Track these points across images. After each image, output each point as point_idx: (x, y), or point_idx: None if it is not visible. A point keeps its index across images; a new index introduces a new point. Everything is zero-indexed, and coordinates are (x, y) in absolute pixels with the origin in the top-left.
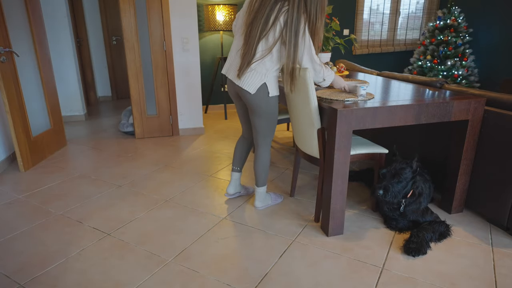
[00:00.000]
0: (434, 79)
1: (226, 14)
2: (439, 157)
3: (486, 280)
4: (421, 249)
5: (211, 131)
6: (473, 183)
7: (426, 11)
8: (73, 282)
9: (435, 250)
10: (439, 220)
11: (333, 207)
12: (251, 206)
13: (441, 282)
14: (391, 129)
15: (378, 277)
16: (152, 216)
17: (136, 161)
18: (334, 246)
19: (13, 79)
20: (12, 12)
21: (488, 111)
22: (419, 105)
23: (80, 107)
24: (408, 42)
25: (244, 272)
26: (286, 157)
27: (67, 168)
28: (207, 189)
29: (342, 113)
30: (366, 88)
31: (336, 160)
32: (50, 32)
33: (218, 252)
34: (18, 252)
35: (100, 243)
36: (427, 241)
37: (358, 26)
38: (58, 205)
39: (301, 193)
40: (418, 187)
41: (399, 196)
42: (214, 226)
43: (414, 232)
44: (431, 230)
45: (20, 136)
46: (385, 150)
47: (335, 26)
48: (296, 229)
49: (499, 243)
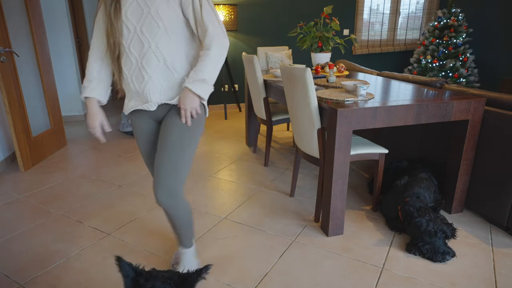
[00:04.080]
0: (434, 79)
1: (226, 14)
2: (439, 157)
3: (486, 280)
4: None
5: (211, 131)
6: (473, 183)
7: (426, 11)
8: (73, 282)
9: None
10: (446, 222)
11: (333, 207)
12: (251, 206)
13: (441, 282)
14: (391, 129)
15: (378, 277)
16: (152, 216)
17: (136, 161)
18: (334, 246)
19: (13, 79)
20: (12, 12)
21: (488, 111)
22: (419, 105)
23: (80, 107)
24: (408, 42)
25: (244, 272)
26: (286, 157)
27: (67, 168)
28: (207, 189)
29: (342, 113)
30: (366, 88)
31: (336, 160)
32: (50, 32)
33: (218, 252)
34: (18, 252)
35: (100, 243)
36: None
37: (358, 26)
38: (58, 205)
39: (301, 193)
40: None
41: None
42: (214, 226)
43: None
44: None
45: (20, 136)
46: (385, 150)
47: (335, 26)
48: (296, 229)
49: (499, 243)
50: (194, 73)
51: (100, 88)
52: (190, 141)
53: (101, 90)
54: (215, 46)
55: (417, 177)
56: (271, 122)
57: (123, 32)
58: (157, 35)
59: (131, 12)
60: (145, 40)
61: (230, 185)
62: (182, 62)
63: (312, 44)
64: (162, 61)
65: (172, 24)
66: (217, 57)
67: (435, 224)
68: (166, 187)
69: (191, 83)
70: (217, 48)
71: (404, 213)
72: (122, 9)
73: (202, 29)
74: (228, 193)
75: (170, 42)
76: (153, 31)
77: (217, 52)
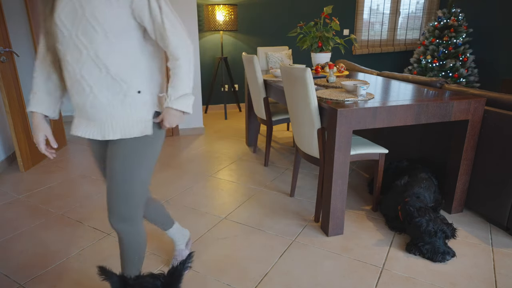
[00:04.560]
0: (434, 79)
1: (226, 14)
2: (439, 157)
3: (486, 280)
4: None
5: (211, 131)
6: (473, 183)
7: (426, 11)
8: (73, 282)
9: None
10: (446, 222)
11: (333, 207)
12: (251, 206)
13: (441, 282)
14: (391, 129)
15: (378, 277)
16: None
17: None
18: (334, 246)
19: (13, 79)
20: (12, 12)
21: (488, 111)
22: (419, 105)
23: None
24: (408, 42)
25: (244, 272)
26: (286, 157)
27: (67, 168)
28: (207, 189)
29: (342, 113)
30: (366, 88)
31: (336, 160)
32: None
33: (218, 252)
34: (18, 252)
35: (100, 243)
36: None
37: (358, 26)
38: (58, 205)
39: (301, 193)
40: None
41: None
42: (214, 226)
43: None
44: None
45: (20, 136)
46: (385, 150)
47: (335, 26)
48: (296, 229)
49: (499, 243)
50: (173, 90)
51: (47, 101)
52: (139, 165)
53: (49, 103)
54: (184, 54)
55: (417, 177)
56: (271, 122)
57: (58, 37)
58: (96, 41)
59: (66, 14)
60: (83, 46)
61: (230, 185)
62: (133, 71)
63: (312, 44)
64: (105, 71)
65: (115, 29)
66: (188, 65)
67: (435, 224)
68: (116, 213)
69: (173, 102)
70: (185, 55)
71: (404, 213)
72: (56, 10)
73: (163, 36)
74: (228, 193)
75: (113, 49)
76: (91, 36)
77: (187, 59)
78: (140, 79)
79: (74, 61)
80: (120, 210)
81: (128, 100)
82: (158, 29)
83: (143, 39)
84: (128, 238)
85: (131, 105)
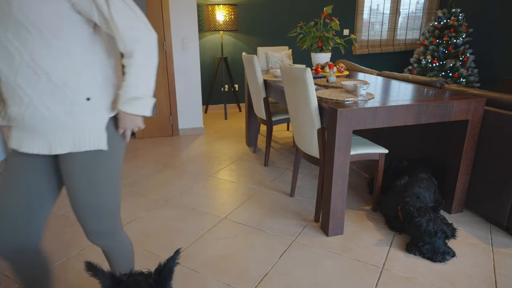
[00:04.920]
0: (434, 79)
1: (226, 14)
2: (439, 157)
3: (486, 280)
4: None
5: (211, 131)
6: (473, 183)
7: (426, 11)
8: (73, 282)
9: None
10: (446, 222)
11: (333, 207)
12: (251, 206)
13: (441, 282)
14: (391, 129)
15: (378, 277)
16: (152, 216)
17: (136, 161)
18: (334, 246)
19: None
20: None
21: (488, 111)
22: (419, 105)
23: None
24: (408, 42)
25: (244, 272)
26: (286, 157)
27: None
28: (207, 189)
29: (342, 113)
30: (366, 88)
31: (336, 160)
32: None
33: (218, 252)
34: None
35: None
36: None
37: (358, 26)
38: (58, 205)
39: (301, 193)
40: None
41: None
42: (214, 226)
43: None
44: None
45: None
46: (385, 150)
47: (335, 26)
48: (296, 229)
49: (499, 243)
50: (123, 91)
51: None
52: (102, 181)
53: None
54: (139, 50)
55: (417, 177)
56: (271, 122)
57: None
58: (29, 42)
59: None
60: (15, 50)
61: (230, 185)
62: (80, 75)
63: (312, 44)
64: (45, 77)
65: (53, 27)
66: (145, 61)
67: (435, 224)
68: (92, 232)
69: (124, 104)
70: (141, 51)
71: (404, 213)
72: None
73: (113, 31)
74: (228, 193)
75: (53, 51)
76: (23, 37)
77: (143, 55)
78: (89, 82)
79: (7, 68)
80: (95, 228)
81: (76, 109)
82: (108, 25)
83: (94, 35)
84: (112, 252)
85: (81, 114)
